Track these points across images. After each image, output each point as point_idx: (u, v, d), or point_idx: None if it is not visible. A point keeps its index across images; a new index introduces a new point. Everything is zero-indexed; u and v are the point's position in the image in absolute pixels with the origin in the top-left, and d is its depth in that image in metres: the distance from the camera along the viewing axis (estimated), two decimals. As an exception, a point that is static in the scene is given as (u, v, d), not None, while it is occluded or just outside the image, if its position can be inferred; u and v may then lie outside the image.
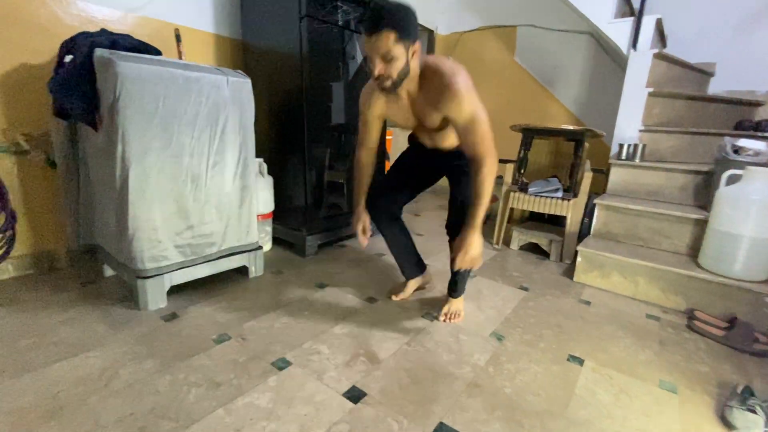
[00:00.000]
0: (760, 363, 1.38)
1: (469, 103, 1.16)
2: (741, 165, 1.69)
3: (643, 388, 1.20)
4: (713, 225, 1.68)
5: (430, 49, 3.99)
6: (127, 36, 1.56)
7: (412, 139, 1.58)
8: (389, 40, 1.07)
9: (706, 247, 1.73)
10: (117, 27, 1.85)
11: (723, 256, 1.64)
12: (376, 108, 1.38)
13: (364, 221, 1.48)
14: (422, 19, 3.73)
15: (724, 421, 1.07)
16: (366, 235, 1.49)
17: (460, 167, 1.41)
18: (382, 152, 2.51)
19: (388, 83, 1.15)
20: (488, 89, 3.82)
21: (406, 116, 1.35)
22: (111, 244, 1.56)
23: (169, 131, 1.41)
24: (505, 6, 3.59)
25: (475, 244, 1.23)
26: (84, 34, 1.53)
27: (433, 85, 1.18)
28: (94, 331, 1.36)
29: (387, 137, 3.09)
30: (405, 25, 1.07)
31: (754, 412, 1.05)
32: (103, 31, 1.59)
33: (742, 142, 1.81)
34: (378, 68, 1.12)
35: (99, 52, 1.35)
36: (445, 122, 1.27)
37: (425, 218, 3.16)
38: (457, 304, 1.56)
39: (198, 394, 1.08)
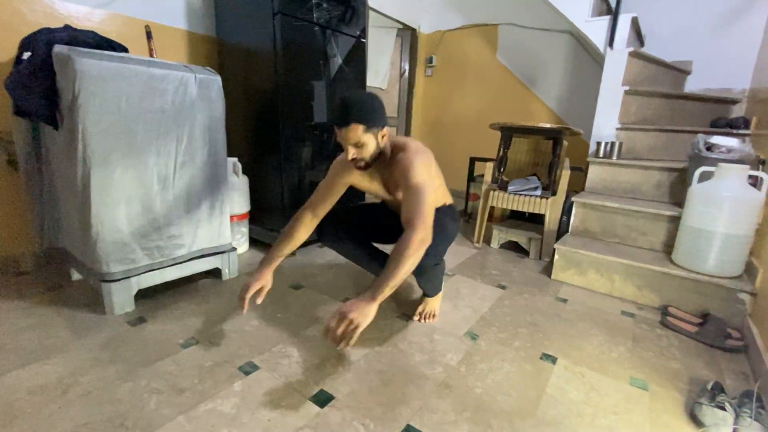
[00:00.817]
0: (731, 359, 1.39)
1: (419, 173, 1.20)
2: (713, 162, 1.71)
3: (614, 385, 1.20)
4: (686, 222, 1.70)
5: (412, 47, 3.98)
6: (91, 32, 1.51)
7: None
8: (358, 132, 1.15)
9: (679, 243, 1.74)
10: (83, 24, 1.80)
11: (696, 253, 1.65)
12: (348, 176, 1.37)
13: (265, 284, 1.31)
14: (405, 18, 3.71)
15: (694, 419, 1.07)
16: (258, 298, 1.30)
17: None
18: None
19: (362, 164, 1.24)
20: (471, 87, 3.83)
21: (377, 188, 1.42)
22: (76, 247, 1.52)
23: (133, 130, 1.37)
24: (486, 5, 3.59)
25: (364, 314, 1.03)
26: (45, 30, 1.48)
27: (400, 162, 1.25)
28: (57, 337, 1.31)
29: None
30: (371, 117, 1.16)
31: (723, 408, 1.05)
32: (66, 27, 1.54)
33: (715, 139, 1.83)
34: (351, 154, 1.20)
35: (57, 48, 1.31)
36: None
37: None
38: (432, 304, 1.55)
39: (159, 400, 1.05)
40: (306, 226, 1.39)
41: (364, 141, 1.18)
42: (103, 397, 1.05)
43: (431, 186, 1.21)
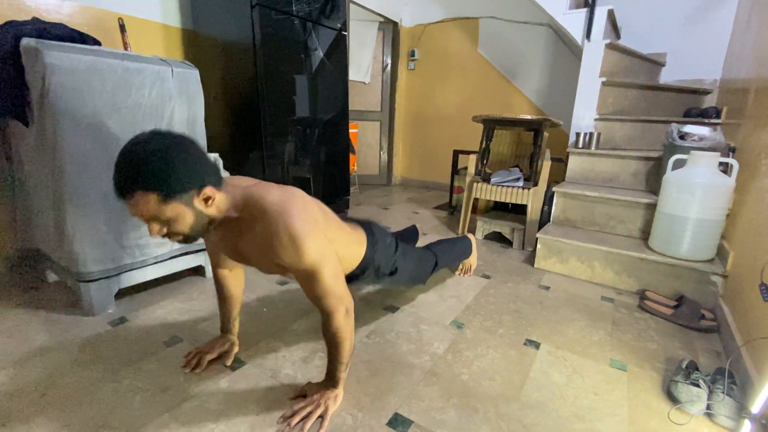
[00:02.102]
0: (705, 338, 1.45)
1: (308, 251, 0.87)
2: (686, 150, 1.76)
3: (594, 367, 1.24)
4: (661, 208, 1.75)
5: (394, 41, 3.97)
6: (60, 25, 1.46)
7: None
8: (150, 204, 0.77)
9: (655, 229, 1.79)
10: (52, 17, 1.73)
11: (671, 238, 1.71)
12: (209, 245, 1.13)
13: (232, 346, 1.21)
14: (386, 11, 3.70)
15: (670, 396, 1.12)
16: (192, 366, 1.14)
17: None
18: (342, 148, 2.47)
19: (179, 239, 0.87)
20: (453, 81, 3.85)
21: (233, 254, 1.03)
22: (51, 247, 1.47)
23: (108, 125, 1.33)
24: (467, -2, 3.60)
25: (330, 403, 0.99)
26: (10, 23, 1.42)
27: (259, 229, 0.88)
28: (34, 340, 1.27)
29: (352, 131, 3.06)
30: (169, 180, 0.76)
31: (697, 385, 1.09)
32: (34, 20, 1.48)
33: (688, 128, 1.89)
34: (153, 230, 0.82)
35: (25, 41, 1.25)
36: (284, 268, 0.95)
37: (394, 211, 3.15)
38: (469, 260, 1.85)
39: (143, 400, 1.03)
40: (228, 279, 1.18)
41: (168, 216, 0.79)
42: (84, 398, 1.03)
43: (326, 257, 0.91)
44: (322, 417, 0.97)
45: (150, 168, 0.75)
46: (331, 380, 1.03)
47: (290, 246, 0.86)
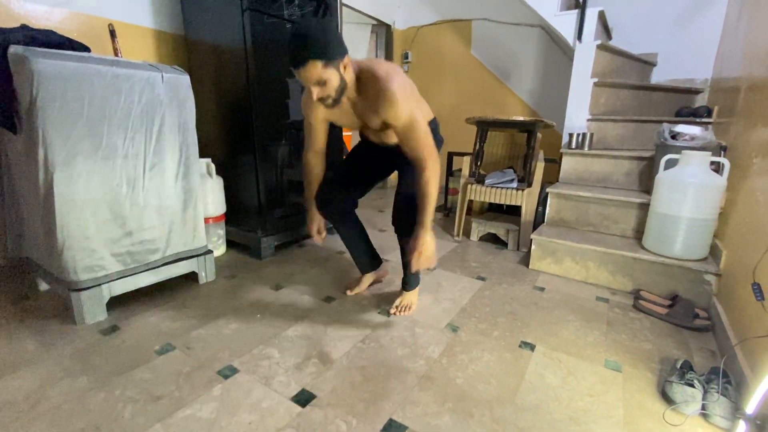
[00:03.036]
0: (699, 338, 1.45)
1: (404, 108, 1.16)
2: (678, 150, 1.77)
3: (589, 368, 1.24)
4: (654, 208, 1.76)
5: (387, 43, 3.98)
6: (49, 32, 1.45)
7: (361, 134, 1.56)
8: (317, 69, 1.07)
9: (649, 229, 1.80)
10: (42, 23, 1.72)
11: (664, 237, 1.71)
12: (319, 113, 1.39)
13: (318, 222, 1.55)
14: (379, 14, 3.71)
15: (665, 396, 1.11)
16: (321, 235, 1.56)
17: (408, 161, 1.40)
18: (336, 151, 2.47)
19: (329, 101, 1.18)
20: (446, 83, 3.85)
21: (350, 120, 1.38)
22: (42, 256, 1.45)
23: (98, 133, 1.32)
24: (459, 0, 3.61)
25: (428, 243, 1.24)
26: (-1, 30, 1.41)
27: (371, 90, 1.19)
28: (24, 350, 1.26)
29: (346, 134, 3.06)
30: (328, 50, 1.07)
31: (692, 385, 1.09)
32: (23, 27, 1.47)
33: (679, 128, 1.90)
34: (316, 93, 1.13)
35: (13, 48, 1.24)
36: (387, 124, 1.27)
37: (389, 213, 3.14)
38: (409, 297, 1.56)
39: (134, 409, 1.02)
40: (317, 162, 1.50)
41: (326, 77, 1.09)
42: (75, 409, 1.01)
43: (419, 112, 1.20)
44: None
45: (318, 42, 1.05)
46: (422, 225, 1.24)
47: (390, 105, 1.16)
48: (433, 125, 1.45)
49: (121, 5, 1.96)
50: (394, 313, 1.53)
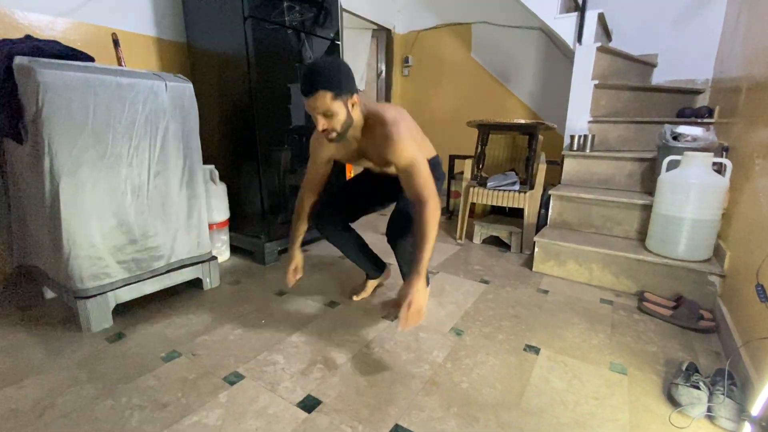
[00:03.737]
0: (704, 339, 1.45)
1: (407, 150, 1.19)
2: (679, 151, 1.77)
3: (594, 372, 1.24)
4: (657, 209, 1.76)
5: (388, 48, 3.99)
6: (54, 42, 1.46)
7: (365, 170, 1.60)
8: (326, 100, 1.10)
9: (652, 230, 1.80)
10: (46, 34, 1.74)
11: (668, 239, 1.71)
12: (326, 152, 1.40)
13: (297, 262, 1.50)
14: (379, 19, 3.72)
15: (671, 399, 1.11)
16: (295, 276, 1.49)
17: None
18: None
19: (334, 135, 1.19)
20: (447, 86, 3.86)
21: (354, 158, 1.41)
22: (48, 264, 1.47)
23: (103, 141, 1.34)
24: (459, 4, 3.63)
25: (419, 294, 1.13)
26: (4, 42, 1.43)
27: (376, 133, 1.23)
28: (31, 358, 1.26)
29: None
30: (340, 84, 1.11)
31: (698, 388, 1.09)
32: (27, 38, 1.49)
33: (681, 129, 1.90)
34: (321, 124, 1.15)
35: (18, 60, 1.26)
36: (390, 162, 1.27)
37: (391, 217, 3.15)
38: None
39: (141, 417, 1.02)
40: (309, 201, 1.49)
41: (334, 110, 1.12)
42: (82, 417, 1.02)
43: (421, 156, 1.22)
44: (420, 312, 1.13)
45: (332, 75, 1.09)
46: (417, 271, 1.16)
47: (394, 147, 1.19)
48: (435, 162, 1.49)
49: (124, 14, 1.98)
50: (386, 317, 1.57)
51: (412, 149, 1.20)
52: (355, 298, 1.68)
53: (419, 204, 1.20)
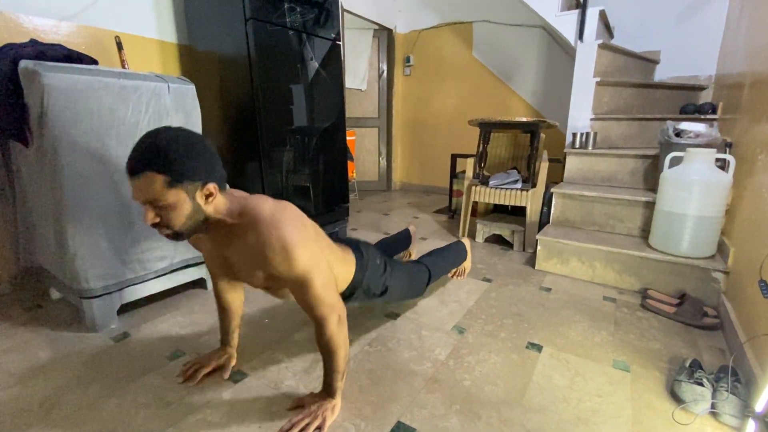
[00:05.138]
0: (708, 336, 1.44)
1: (300, 259, 0.89)
2: (682, 147, 1.76)
3: (597, 369, 1.23)
4: (660, 206, 1.75)
5: (389, 47, 4.00)
6: (58, 45, 1.48)
7: None
8: (155, 186, 0.79)
9: (655, 227, 1.79)
10: (50, 37, 1.76)
11: (671, 236, 1.70)
12: (200, 246, 1.12)
13: (228, 358, 1.21)
14: (380, 19, 3.73)
15: (674, 396, 1.11)
16: (224, 375, 1.17)
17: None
18: (339, 153, 2.49)
19: (168, 232, 0.87)
20: (449, 85, 3.87)
21: (222, 267, 1.09)
22: (54, 264, 1.48)
23: (107, 143, 1.35)
24: (460, 3, 3.63)
25: (332, 411, 1.00)
26: (9, 46, 1.44)
27: (251, 238, 0.90)
28: (38, 358, 1.28)
29: (350, 138, 3.08)
30: (182, 166, 0.80)
31: (701, 384, 1.09)
32: (32, 42, 1.50)
33: (683, 125, 1.89)
34: (148, 217, 0.83)
35: (23, 63, 1.28)
36: (274, 279, 0.98)
37: (394, 216, 3.16)
38: (464, 264, 1.86)
39: (146, 415, 1.03)
40: (228, 293, 1.18)
41: (168, 201, 0.81)
42: (88, 415, 1.03)
43: (317, 265, 0.93)
44: (319, 429, 0.97)
45: (164, 152, 0.78)
46: (328, 390, 1.03)
47: (282, 253, 0.87)
48: (368, 255, 1.25)
49: (127, 17, 2.00)
50: (453, 277, 1.85)
51: (306, 258, 0.89)
52: None
53: (317, 322, 0.96)
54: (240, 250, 0.94)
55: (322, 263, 0.95)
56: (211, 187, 0.86)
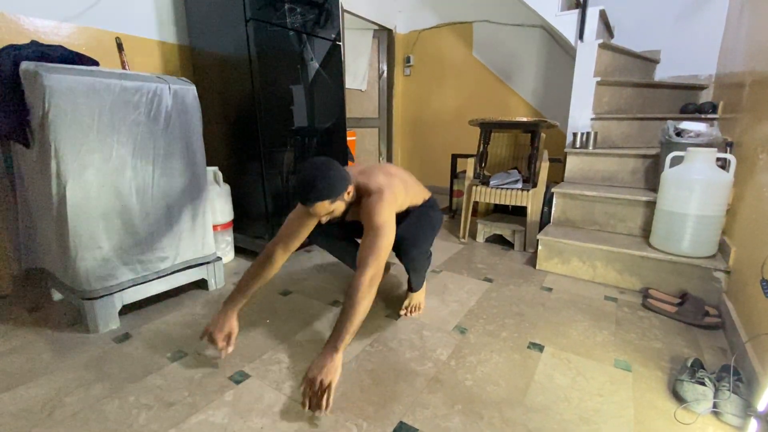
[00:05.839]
0: (709, 335, 1.44)
1: (380, 213, 1.20)
2: (683, 147, 1.76)
3: (599, 368, 1.24)
4: (661, 206, 1.75)
5: (389, 48, 4.00)
6: (59, 47, 1.48)
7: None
8: (324, 207, 1.17)
9: (656, 227, 1.79)
10: (51, 39, 1.76)
11: (672, 235, 1.70)
12: (311, 221, 1.33)
13: (231, 327, 1.25)
14: (380, 19, 3.73)
15: (676, 395, 1.11)
16: (228, 349, 1.23)
17: (407, 216, 1.48)
18: (341, 155, 2.50)
19: (337, 220, 1.30)
20: (449, 85, 3.87)
21: (300, 236, 1.36)
22: (55, 266, 1.48)
23: (108, 144, 1.35)
24: (460, 3, 3.63)
25: (332, 371, 1.02)
26: (10, 47, 1.44)
27: (365, 207, 1.25)
28: (40, 359, 1.28)
29: (350, 138, 3.08)
30: (333, 191, 1.16)
31: (703, 384, 1.09)
32: (33, 43, 1.50)
33: (684, 125, 1.89)
34: (324, 220, 1.23)
35: (25, 65, 1.28)
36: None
37: (394, 217, 3.15)
38: (417, 298, 1.57)
39: (149, 416, 1.03)
40: (278, 262, 1.32)
41: (333, 208, 1.19)
42: (90, 416, 1.03)
43: (390, 226, 1.20)
44: (327, 391, 1.00)
45: (324, 187, 1.13)
46: (333, 344, 1.05)
47: (372, 211, 1.21)
48: (432, 202, 1.57)
49: (128, 19, 2.00)
50: (404, 314, 1.54)
51: (384, 216, 1.20)
52: None
53: (361, 267, 1.12)
54: (359, 212, 1.29)
55: (392, 233, 1.21)
56: (350, 188, 1.23)
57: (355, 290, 1.09)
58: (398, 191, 1.33)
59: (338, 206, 1.21)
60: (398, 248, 1.41)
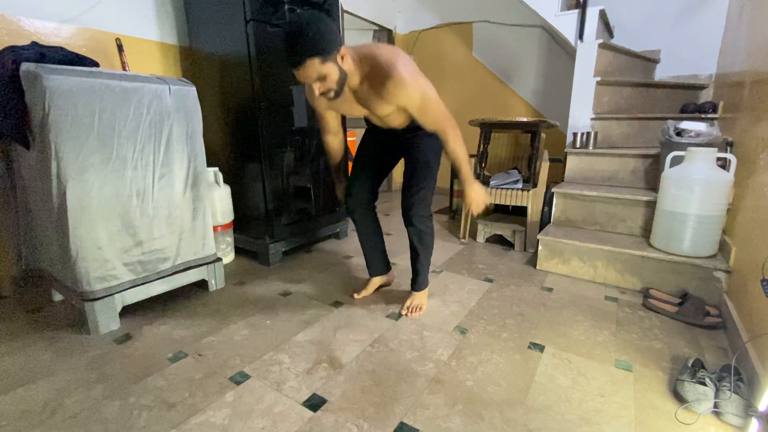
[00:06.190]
0: (710, 335, 1.44)
1: (415, 88, 1.17)
2: (683, 146, 1.76)
3: (600, 369, 1.23)
4: (661, 206, 1.75)
5: (389, 48, 4.00)
6: (59, 48, 1.48)
7: (366, 121, 1.58)
8: (315, 66, 1.07)
9: (656, 227, 1.79)
10: (51, 40, 1.76)
11: (672, 235, 1.70)
12: (322, 104, 1.41)
13: (344, 185, 1.66)
14: (380, 20, 3.73)
15: (677, 395, 1.11)
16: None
17: (413, 140, 1.48)
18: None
19: (332, 94, 1.17)
20: (449, 86, 3.87)
21: (353, 109, 1.37)
22: (56, 267, 1.48)
23: (108, 145, 1.35)
24: (460, 3, 3.63)
25: (475, 191, 1.42)
26: (11, 49, 1.45)
27: (374, 76, 1.18)
28: (40, 360, 1.28)
29: (350, 139, 3.08)
30: (323, 44, 1.05)
31: (704, 384, 1.09)
32: (33, 44, 1.50)
33: (684, 124, 1.89)
34: (317, 89, 1.13)
35: (25, 66, 1.28)
36: (399, 110, 1.30)
37: (394, 217, 3.15)
38: (419, 298, 1.58)
39: (149, 417, 1.03)
40: (334, 141, 1.59)
41: (325, 72, 1.08)
42: (91, 417, 1.03)
43: (428, 88, 1.21)
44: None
45: (313, 39, 1.03)
46: (467, 181, 1.41)
47: (400, 89, 1.16)
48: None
49: (128, 19, 2.00)
50: (405, 314, 1.55)
51: (418, 84, 1.17)
52: (356, 296, 1.70)
53: (441, 135, 1.32)
54: (367, 87, 1.22)
55: (431, 88, 1.22)
56: (342, 49, 1.11)
57: (453, 149, 1.33)
58: (411, 64, 1.23)
59: (331, 72, 1.09)
60: (404, 210, 1.51)
